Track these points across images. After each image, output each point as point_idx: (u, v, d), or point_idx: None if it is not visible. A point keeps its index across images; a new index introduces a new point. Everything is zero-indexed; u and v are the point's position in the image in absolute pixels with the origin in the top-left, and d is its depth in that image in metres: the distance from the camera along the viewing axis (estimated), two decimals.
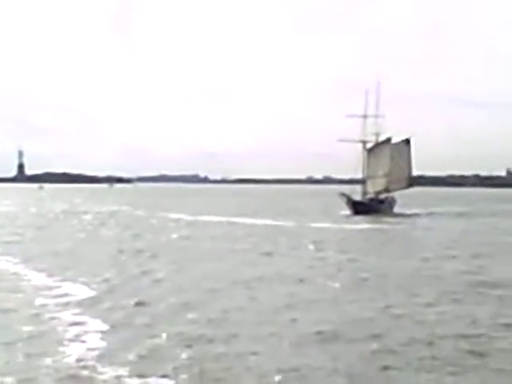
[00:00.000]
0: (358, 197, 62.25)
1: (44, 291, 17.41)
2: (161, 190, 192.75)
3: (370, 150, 64.92)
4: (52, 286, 18.18)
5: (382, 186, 63.70)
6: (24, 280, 19.53)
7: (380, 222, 49.13)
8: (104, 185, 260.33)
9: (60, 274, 20.32)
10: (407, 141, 65.97)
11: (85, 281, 19.03)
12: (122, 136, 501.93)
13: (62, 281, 19.16)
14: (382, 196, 63.93)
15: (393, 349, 11.72)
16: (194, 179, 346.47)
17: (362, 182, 64.50)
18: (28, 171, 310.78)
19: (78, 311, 14.75)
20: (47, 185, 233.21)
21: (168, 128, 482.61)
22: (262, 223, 47.02)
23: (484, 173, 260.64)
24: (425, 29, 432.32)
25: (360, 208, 58.72)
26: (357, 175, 64.57)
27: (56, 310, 14.84)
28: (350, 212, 58.60)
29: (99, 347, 11.66)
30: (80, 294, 16.87)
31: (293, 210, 66.71)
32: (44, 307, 15.22)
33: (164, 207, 74.37)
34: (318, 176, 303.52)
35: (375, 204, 61.78)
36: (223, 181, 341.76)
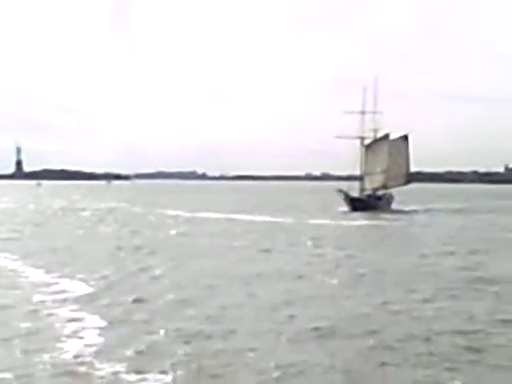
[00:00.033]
0: (356, 193, 62.29)
1: (42, 288, 17.42)
2: (159, 187, 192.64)
3: (368, 147, 64.84)
4: (50, 283, 18.19)
5: (380, 183, 63.71)
6: (22, 276, 19.54)
7: (378, 219, 49.21)
8: (102, 182, 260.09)
9: (58, 271, 20.33)
10: (405, 137, 65.86)
11: (83, 277, 19.05)
12: (120, 133, 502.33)
13: (60, 277, 19.18)
14: (380, 192, 63.95)
15: (390, 345, 11.76)
16: (192, 176, 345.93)
17: (360, 179, 64.36)
18: (26, 168, 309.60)
19: (76, 307, 14.77)
20: (45, 181, 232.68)
21: (166, 124, 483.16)
22: (261, 220, 47.04)
23: (482, 169, 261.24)
24: (424, 27, 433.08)
25: (358, 204, 58.73)
26: (355, 172, 64.52)
27: (54, 307, 14.86)
28: (348, 208, 58.62)
29: (97, 343, 11.69)
30: (78, 291, 16.88)
31: (291, 207, 66.73)
32: (42, 303, 15.24)
33: (162, 204, 74.33)
34: (317, 173, 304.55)
35: (373, 200, 61.76)
36: (221, 177, 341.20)
